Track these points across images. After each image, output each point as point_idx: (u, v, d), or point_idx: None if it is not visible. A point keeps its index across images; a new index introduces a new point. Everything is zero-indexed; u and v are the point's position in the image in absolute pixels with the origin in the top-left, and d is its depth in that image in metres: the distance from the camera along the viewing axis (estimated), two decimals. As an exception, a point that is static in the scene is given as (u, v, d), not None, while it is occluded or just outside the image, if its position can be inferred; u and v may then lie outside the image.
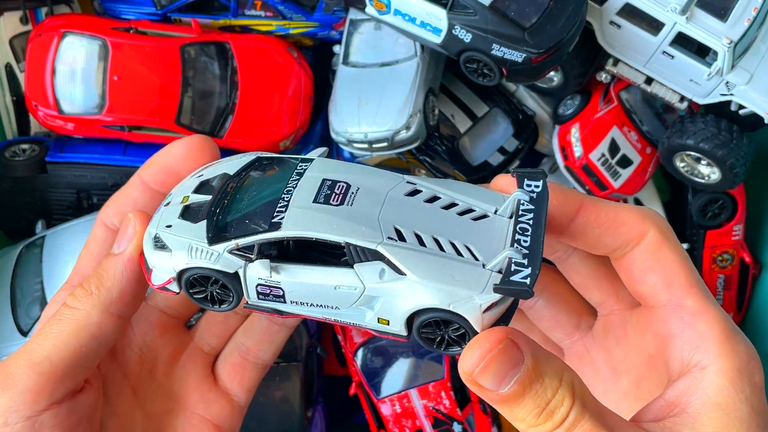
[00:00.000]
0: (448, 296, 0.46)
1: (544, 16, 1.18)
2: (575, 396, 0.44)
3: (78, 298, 0.52)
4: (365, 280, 0.48)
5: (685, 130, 1.31)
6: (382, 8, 1.28)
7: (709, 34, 1.19)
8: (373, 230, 0.47)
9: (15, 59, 1.43)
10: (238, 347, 0.65)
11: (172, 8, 1.43)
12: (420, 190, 0.51)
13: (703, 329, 0.48)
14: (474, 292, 0.45)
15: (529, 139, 1.49)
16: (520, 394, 0.43)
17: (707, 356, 0.47)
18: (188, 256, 0.50)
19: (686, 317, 0.49)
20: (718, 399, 0.45)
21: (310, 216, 0.48)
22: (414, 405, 1.37)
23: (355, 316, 0.50)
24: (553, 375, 0.44)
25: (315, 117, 1.53)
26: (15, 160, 1.38)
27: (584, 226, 0.51)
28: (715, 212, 1.49)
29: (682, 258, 0.51)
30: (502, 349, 0.43)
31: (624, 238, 0.51)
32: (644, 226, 0.51)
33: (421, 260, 0.47)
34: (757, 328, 1.54)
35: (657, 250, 0.50)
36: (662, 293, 0.50)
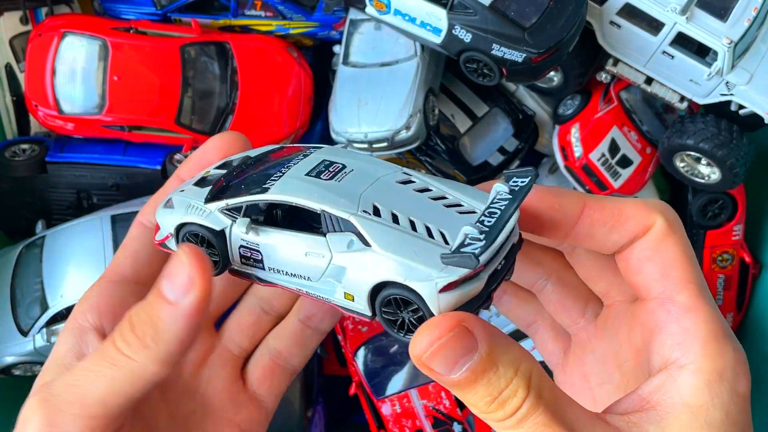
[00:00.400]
0: (406, 270, 0.45)
1: (544, 16, 1.18)
2: (530, 387, 0.42)
3: (131, 346, 0.48)
4: (333, 248, 0.48)
5: (685, 130, 1.31)
6: (382, 8, 1.28)
7: (709, 34, 1.19)
8: (350, 203, 0.48)
9: (15, 59, 1.43)
10: (269, 350, 0.64)
11: (172, 8, 1.43)
12: (413, 180, 0.52)
13: (689, 326, 0.46)
14: (433, 270, 0.44)
15: (529, 139, 1.49)
16: (471, 381, 0.42)
17: (688, 354, 0.45)
18: (184, 213, 0.53)
19: (674, 311, 0.47)
20: (690, 400, 0.43)
21: (297, 185, 0.50)
22: (414, 405, 1.37)
23: (325, 290, 0.50)
24: (509, 364, 0.43)
25: (315, 117, 1.53)
26: (15, 160, 1.38)
27: (590, 226, 0.50)
28: (715, 212, 1.49)
29: (684, 252, 0.48)
30: (454, 336, 0.42)
31: (632, 232, 0.49)
32: (651, 218, 0.49)
33: (389, 235, 0.47)
34: (757, 328, 1.54)
35: (659, 242, 0.48)
36: (656, 285, 0.48)
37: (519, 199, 0.46)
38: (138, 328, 0.48)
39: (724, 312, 1.55)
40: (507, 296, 0.63)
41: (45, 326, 1.24)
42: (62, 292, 1.23)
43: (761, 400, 1.47)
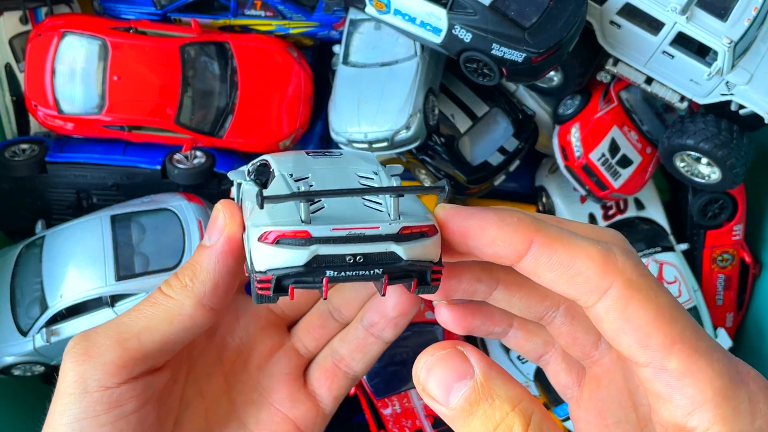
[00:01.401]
0: (257, 218, 0.48)
1: (544, 16, 1.18)
2: (528, 425, 0.41)
3: (173, 287, 0.53)
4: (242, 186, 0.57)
5: (685, 129, 1.31)
6: (381, 8, 1.28)
7: (709, 34, 1.19)
8: (296, 169, 0.53)
9: (15, 59, 1.43)
10: (332, 354, 0.65)
11: (171, 8, 1.43)
12: (371, 178, 0.53)
13: (693, 394, 0.42)
14: (269, 222, 0.46)
15: (529, 139, 1.49)
16: (467, 411, 0.41)
17: (703, 422, 0.41)
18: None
19: (672, 382, 0.42)
20: None
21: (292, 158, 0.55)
22: (414, 405, 1.37)
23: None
24: (506, 399, 0.41)
25: (315, 117, 1.53)
26: (15, 160, 1.38)
27: (535, 267, 0.45)
28: (715, 212, 1.49)
29: (658, 310, 0.43)
30: (448, 354, 0.43)
31: (581, 290, 0.44)
32: (604, 281, 0.43)
33: (276, 188, 0.51)
34: (757, 328, 1.54)
35: (624, 309, 0.43)
36: (641, 356, 0.43)
37: (376, 189, 0.48)
38: (180, 272, 0.53)
39: (724, 312, 1.55)
40: (514, 330, 0.60)
41: (45, 326, 1.24)
42: (62, 292, 1.23)
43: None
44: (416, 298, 0.61)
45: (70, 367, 0.52)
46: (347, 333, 0.66)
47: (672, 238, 1.50)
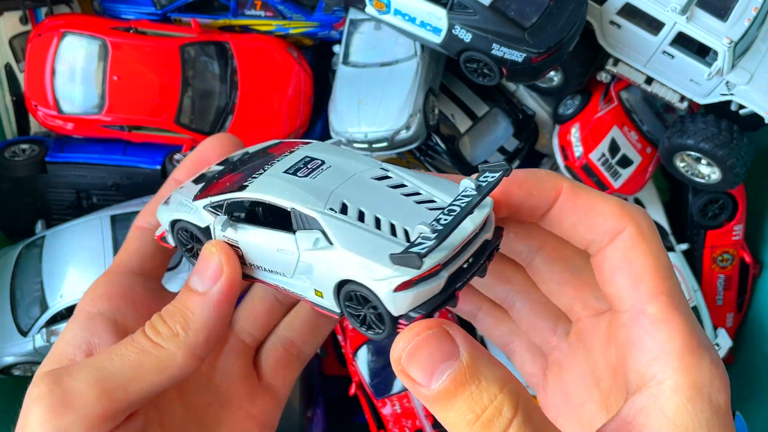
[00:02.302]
0: (364, 269, 0.45)
1: (544, 16, 1.18)
2: (518, 408, 0.39)
3: (162, 335, 0.49)
4: (301, 245, 0.49)
5: (685, 129, 1.31)
6: (381, 8, 1.28)
7: (709, 34, 1.19)
8: (319, 200, 0.48)
9: (15, 59, 1.43)
10: (281, 340, 0.64)
11: (171, 8, 1.43)
12: (390, 176, 0.52)
13: (663, 339, 0.43)
14: (390, 269, 0.44)
15: (529, 139, 1.49)
16: (452, 392, 0.40)
17: (665, 370, 0.43)
18: (177, 209, 0.56)
19: (647, 325, 0.44)
20: (675, 419, 0.41)
21: (273, 182, 0.51)
22: (414, 405, 1.37)
23: (299, 286, 0.51)
24: (493, 380, 0.40)
25: (315, 117, 1.53)
26: (15, 160, 1.38)
27: (560, 212, 0.48)
28: (715, 212, 1.49)
29: (657, 261, 0.46)
30: (433, 335, 0.41)
31: (598, 231, 0.47)
32: (622, 222, 0.46)
33: (352, 233, 0.47)
34: (757, 328, 1.54)
35: (629, 250, 0.46)
36: (627, 296, 0.46)
37: (482, 195, 0.45)
38: (168, 318, 0.50)
39: (724, 312, 1.55)
40: (482, 314, 0.61)
41: (45, 326, 1.24)
42: (62, 292, 1.23)
43: (762, 400, 1.47)
44: None
45: (45, 419, 0.46)
46: (294, 317, 0.64)
47: (672, 238, 1.50)
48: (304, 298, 0.51)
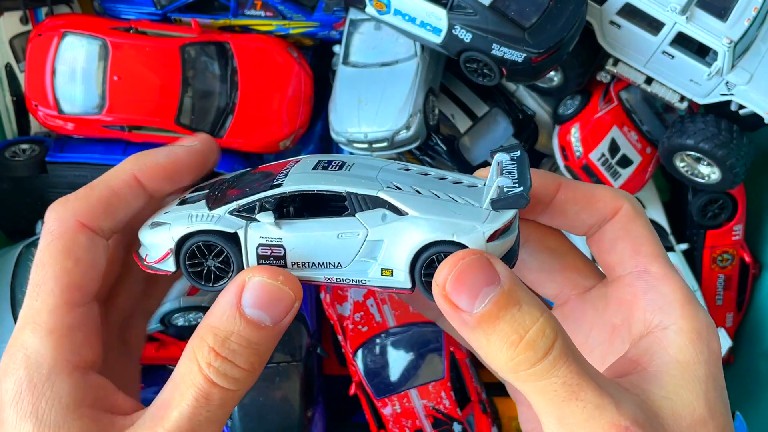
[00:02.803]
0: (451, 227, 0.46)
1: (544, 16, 1.18)
2: (558, 332, 0.42)
3: (239, 380, 0.46)
4: (368, 224, 0.48)
5: (685, 130, 1.31)
6: (382, 8, 1.28)
7: (709, 34, 1.19)
8: (371, 183, 0.49)
9: (15, 59, 1.43)
10: (143, 314, 0.62)
11: (172, 8, 1.43)
12: (411, 169, 0.54)
13: (666, 292, 0.49)
14: (476, 223, 0.46)
15: (529, 139, 1.49)
16: (494, 315, 0.41)
17: (669, 317, 0.48)
18: (188, 222, 0.50)
19: (651, 281, 0.50)
20: (679, 357, 0.46)
21: (310, 176, 0.50)
22: (414, 405, 1.37)
23: (359, 272, 0.50)
24: (533, 305, 0.42)
25: (315, 117, 1.53)
26: (15, 160, 1.38)
27: (563, 204, 0.53)
28: (715, 212, 1.49)
29: (651, 232, 0.53)
30: (476, 260, 0.43)
31: (600, 213, 0.53)
32: (618, 202, 0.53)
33: (422, 201, 0.48)
34: (757, 328, 1.54)
35: (628, 222, 0.52)
36: (630, 260, 0.52)
37: (526, 159, 0.49)
38: (240, 359, 0.45)
39: (724, 312, 1.55)
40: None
41: (45, 326, 1.24)
42: (62, 292, 1.23)
43: (762, 400, 1.47)
44: None
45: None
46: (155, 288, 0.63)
47: (672, 238, 1.50)
48: (364, 284, 0.50)
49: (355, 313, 1.42)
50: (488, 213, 0.47)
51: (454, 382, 1.38)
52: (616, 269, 0.53)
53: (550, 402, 0.42)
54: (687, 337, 0.46)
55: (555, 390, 0.41)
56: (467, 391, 1.40)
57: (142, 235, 0.52)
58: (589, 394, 0.41)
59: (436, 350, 1.40)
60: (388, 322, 1.41)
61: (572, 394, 0.41)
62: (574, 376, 0.41)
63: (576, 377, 0.41)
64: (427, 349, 1.40)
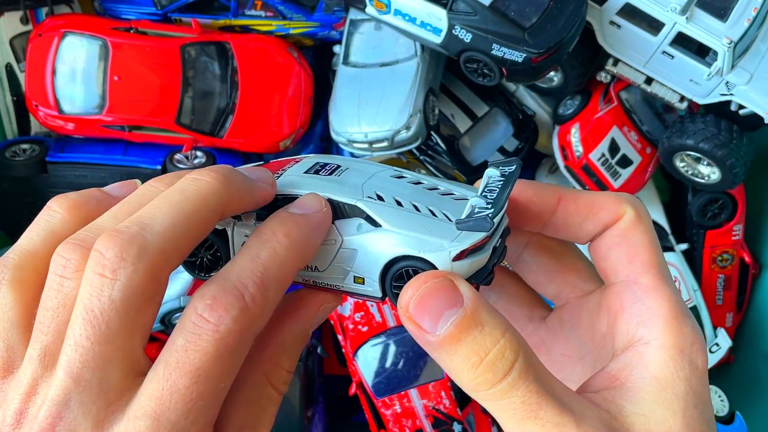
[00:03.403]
0: (419, 243, 0.47)
1: (544, 16, 1.18)
2: (519, 352, 0.42)
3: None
4: (343, 233, 0.49)
5: (685, 130, 1.31)
6: (382, 8, 1.28)
7: (709, 34, 1.19)
8: (354, 191, 0.50)
9: (15, 59, 1.43)
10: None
11: (172, 8, 1.43)
12: (405, 176, 0.54)
13: (652, 305, 0.48)
14: (444, 241, 0.46)
15: (529, 139, 1.49)
16: (456, 337, 0.42)
17: (651, 332, 0.47)
18: None
19: (639, 293, 0.49)
20: (657, 374, 0.45)
21: (299, 180, 0.51)
22: (414, 405, 1.37)
23: (334, 278, 0.51)
24: (495, 327, 0.43)
25: (315, 117, 1.53)
26: (15, 160, 1.38)
27: (565, 218, 0.52)
28: (715, 212, 1.49)
29: (650, 240, 0.52)
30: (440, 283, 0.43)
31: (603, 221, 0.52)
32: (621, 209, 0.52)
33: (397, 215, 0.49)
34: (757, 328, 1.54)
35: (627, 230, 0.51)
36: (622, 269, 0.51)
37: (513, 178, 0.49)
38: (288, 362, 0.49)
39: (724, 312, 1.55)
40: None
41: (45, 326, 1.24)
42: (62, 292, 1.23)
43: (762, 400, 1.47)
44: None
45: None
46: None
47: (672, 238, 1.50)
48: (339, 289, 0.52)
49: (355, 313, 1.42)
50: (460, 231, 0.47)
51: (454, 382, 1.38)
52: (610, 276, 0.52)
53: (510, 420, 0.43)
54: (668, 353, 0.46)
55: (514, 409, 0.42)
56: (467, 391, 1.40)
57: None
58: (549, 412, 0.42)
59: (436, 350, 1.40)
60: (388, 322, 1.41)
61: (531, 413, 0.42)
62: (533, 396, 0.42)
63: (535, 396, 0.42)
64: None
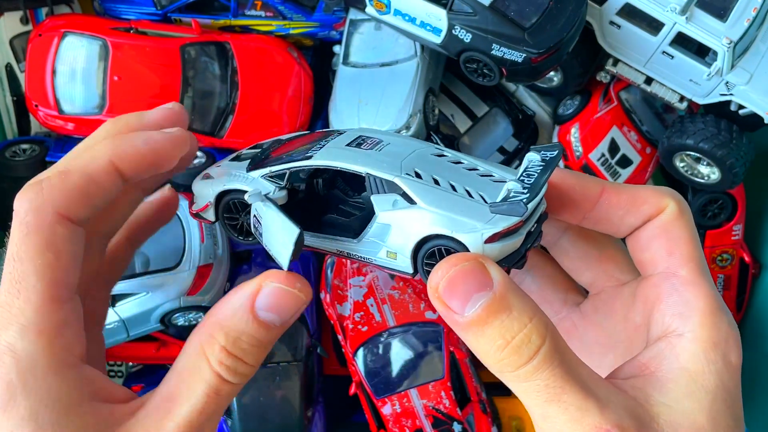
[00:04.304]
0: (452, 223, 0.48)
1: (544, 16, 1.18)
2: (546, 338, 0.43)
3: (245, 375, 0.47)
4: (378, 207, 0.50)
5: (684, 130, 1.31)
6: (382, 8, 1.28)
7: (708, 34, 1.19)
8: (393, 167, 0.50)
9: (15, 59, 1.43)
10: (104, 284, 0.61)
11: (172, 8, 1.43)
12: (446, 155, 0.55)
13: (690, 298, 0.48)
14: (478, 223, 0.47)
15: (528, 139, 1.49)
16: (483, 320, 0.43)
17: (687, 324, 0.47)
18: (226, 181, 0.55)
19: (677, 284, 0.50)
20: (688, 365, 0.46)
21: (340, 152, 0.52)
22: (414, 405, 1.37)
23: (368, 250, 0.52)
24: (523, 311, 0.43)
25: (315, 117, 1.53)
26: (15, 160, 1.38)
27: (607, 210, 0.53)
28: (714, 212, 1.49)
29: (691, 234, 0.52)
30: (470, 266, 0.44)
31: (645, 214, 0.52)
32: (663, 202, 0.52)
33: (433, 193, 0.49)
34: (757, 328, 1.54)
35: (669, 223, 0.52)
36: (661, 261, 0.51)
37: (553, 164, 0.49)
38: (250, 358, 0.47)
39: (724, 312, 1.55)
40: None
41: (45, 326, 1.24)
42: (62, 292, 1.23)
43: (762, 400, 1.47)
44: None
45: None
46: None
47: (672, 238, 1.50)
48: (371, 261, 0.52)
49: (355, 313, 1.42)
50: (495, 214, 0.48)
51: (453, 382, 1.38)
52: (648, 268, 0.53)
53: (533, 402, 0.43)
54: (701, 346, 0.46)
55: (537, 392, 0.43)
56: (467, 391, 1.40)
57: (194, 184, 0.57)
58: (572, 396, 0.42)
59: (435, 350, 1.40)
60: (388, 321, 1.41)
61: (554, 396, 0.42)
62: (557, 380, 0.42)
63: (559, 380, 0.42)
64: (426, 349, 1.40)
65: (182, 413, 0.45)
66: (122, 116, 0.53)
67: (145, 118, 0.53)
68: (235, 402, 1.32)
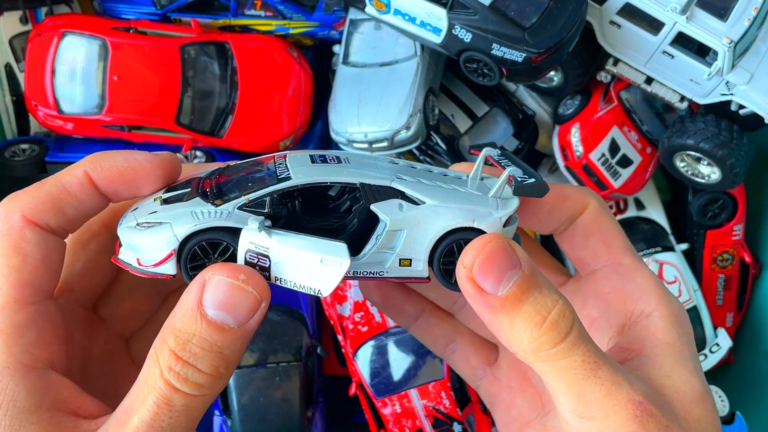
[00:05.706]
0: (471, 214, 0.48)
1: (544, 15, 1.18)
2: (575, 314, 0.44)
3: (204, 386, 0.44)
4: (386, 214, 0.48)
5: (685, 129, 1.31)
6: (381, 8, 1.28)
7: (709, 34, 1.19)
8: (382, 173, 0.49)
9: (15, 59, 1.43)
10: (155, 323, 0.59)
11: (172, 8, 1.43)
12: (398, 162, 0.54)
13: (642, 282, 0.52)
14: (490, 209, 0.47)
15: (529, 139, 1.49)
16: (518, 298, 0.43)
17: (649, 305, 0.51)
18: (193, 219, 0.46)
19: (625, 273, 0.53)
20: (667, 339, 0.49)
21: (317, 168, 0.49)
22: (414, 405, 1.37)
23: (375, 265, 0.49)
24: (551, 288, 0.45)
25: (315, 117, 1.53)
26: (15, 160, 1.38)
27: (535, 205, 0.55)
28: (715, 212, 1.49)
29: (618, 226, 0.56)
30: (500, 245, 0.45)
31: (570, 210, 0.56)
32: (585, 199, 0.56)
33: (433, 191, 0.49)
34: (757, 328, 1.54)
35: (597, 218, 0.55)
36: (602, 254, 0.55)
37: (513, 154, 0.51)
38: (203, 364, 0.43)
39: (724, 312, 1.55)
40: (425, 315, 0.67)
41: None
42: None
43: (762, 400, 1.47)
44: None
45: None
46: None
47: (672, 238, 1.50)
48: (381, 276, 0.50)
49: (355, 313, 1.42)
50: (496, 201, 0.49)
51: (454, 382, 1.38)
52: (590, 264, 0.56)
53: (570, 381, 0.44)
54: (668, 321, 0.50)
55: (575, 368, 0.43)
56: (467, 391, 1.40)
57: (128, 236, 0.49)
58: (606, 372, 0.44)
59: (436, 350, 1.40)
60: (388, 321, 1.41)
61: (591, 372, 0.43)
62: (592, 355, 0.44)
63: (593, 356, 0.44)
64: (426, 349, 1.40)
65: (132, 425, 0.42)
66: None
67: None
68: (235, 402, 1.32)
